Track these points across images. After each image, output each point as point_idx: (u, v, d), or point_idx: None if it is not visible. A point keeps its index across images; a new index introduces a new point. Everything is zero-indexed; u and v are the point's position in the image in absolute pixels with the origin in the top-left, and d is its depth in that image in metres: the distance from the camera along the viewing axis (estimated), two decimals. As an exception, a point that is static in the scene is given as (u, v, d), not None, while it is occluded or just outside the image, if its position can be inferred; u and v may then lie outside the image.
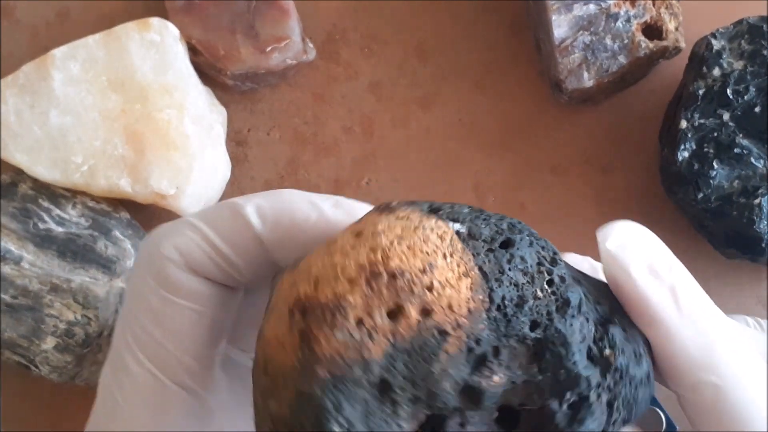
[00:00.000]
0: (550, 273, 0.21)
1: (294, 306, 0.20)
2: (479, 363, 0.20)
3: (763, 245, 0.40)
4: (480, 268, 0.20)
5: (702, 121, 0.40)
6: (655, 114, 0.45)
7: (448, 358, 0.20)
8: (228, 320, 0.25)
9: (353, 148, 0.47)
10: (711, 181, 0.40)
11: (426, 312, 0.20)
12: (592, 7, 0.42)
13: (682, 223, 0.44)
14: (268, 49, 0.44)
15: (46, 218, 0.42)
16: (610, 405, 0.22)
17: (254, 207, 0.24)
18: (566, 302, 0.21)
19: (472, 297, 0.20)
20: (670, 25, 0.42)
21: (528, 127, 0.46)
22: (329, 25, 0.47)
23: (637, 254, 0.23)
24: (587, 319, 0.22)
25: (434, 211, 0.22)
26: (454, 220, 0.21)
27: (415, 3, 0.47)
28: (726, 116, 0.40)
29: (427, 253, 0.20)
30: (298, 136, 0.47)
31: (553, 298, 0.21)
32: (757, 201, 0.39)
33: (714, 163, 0.40)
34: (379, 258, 0.20)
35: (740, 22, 0.41)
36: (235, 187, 0.46)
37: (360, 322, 0.20)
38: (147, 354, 0.23)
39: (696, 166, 0.40)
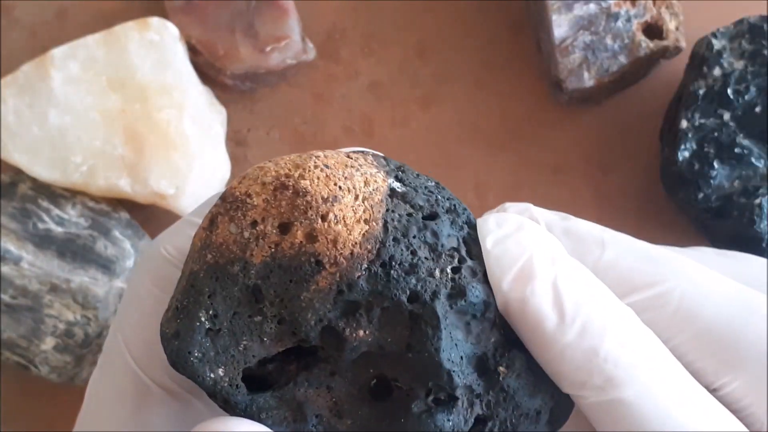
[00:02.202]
0: (462, 261, 0.21)
1: (222, 193, 0.21)
2: (348, 310, 0.20)
3: (764, 245, 0.40)
4: (385, 223, 0.20)
5: (702, 121, 0.40)
6: (655, 114, 0.45)
7: (317, 291, 0.20)
8: None
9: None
10: (711, 181, 0.40)
11: (311, 237, 0.20)
12: (592, 6, 0.42)
13: (683, 223, 0.44)
14: (268, 48, 0.44)
15: (46, 218, 0.42)
16: (482, 422, 0.21)
17: None
18: (461, 293, 0.20)
19: (361, 243, 0.20)
20: (671, 24, 0.42)
21: (528, 127, 0.46)
22: (329, 24, 0.47)
23: (514, 253, 0.21)
24: (491, 328, 0.21)
25: (394, 170, 0.22)
26: (399, 180, 0.22)
27: (415, 3, 0.47)
28: (726, 116, 0.40)
29: (340, 187, 0.20)
30: (298, 136, 0.47)
31: (449, 283, 0.20)
32: (757, 201, 0.39)
33: (714, 163, 0.40)
34: (296, 175, 0.20)
35: (741, 21, 0.41)
36: (235, 187, 0.46)
37: (253, 224, 0.20)
38: (134, 354, 0.23)
39: (696, 166, 0.40)
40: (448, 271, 0.21)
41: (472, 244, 0.21)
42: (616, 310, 0.20)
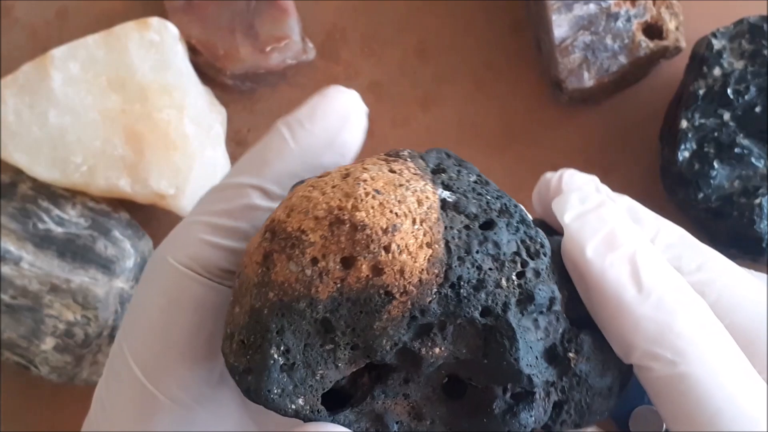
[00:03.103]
0: (524, 265, 0.21)
1: (268, 226, 0.21)
2: (422, 332, 0.20)
3: (764, 245, 0.40)
4: (446, 243, 0.20)
5: (702, 120, 0.40)
6: (655, 114, 0.45)
7: (390, 319, 0.20)
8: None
9: (353, 148, 0.47)
10: (711, 181, 0.40)
11: (377, 270, 0.20)
12: (592, 6, 0.42)
13: (683, 223, 0.43)
14: (268, 48, 0.44)
15: (46, 218, 0.42)
16: (558, 405, 0.21)
17: (237, 171, 0.24)
18: (530, 297, 0.21)
19: (427, 269, 0.20)
20: (671, 24, 0.42)
21: (528, 127, 0.46)
22: (329, 24, 0.47)
23: (594, 225, 0.22)
24: (557, 318, 0.21)
25: (435, 172, 0.22)
26: (447, 188, 0.21)
27: (415, 3, 0.47)
28: (726, 116, 0.40)
29: (397, 214, 0.20)
30: (298, 136, 0.47)
31: (517, 290, 0.20)
32: (757, 201, 0.39)
33: (714, 163, 0.40)
34: (348, 206, 0.20)
35: (741, 21, 0.41)
36: (235, 187, 0.46)
37: (314, 261, 0.20)
38: (140, 364, 0.23)
39: (696, 166, 0.40)
40: (514, 278, 0.21)
41: (530, 243, 0.21)
42: (689, 291, 0.21)
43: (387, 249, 0.20)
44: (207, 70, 0.45)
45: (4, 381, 0.45)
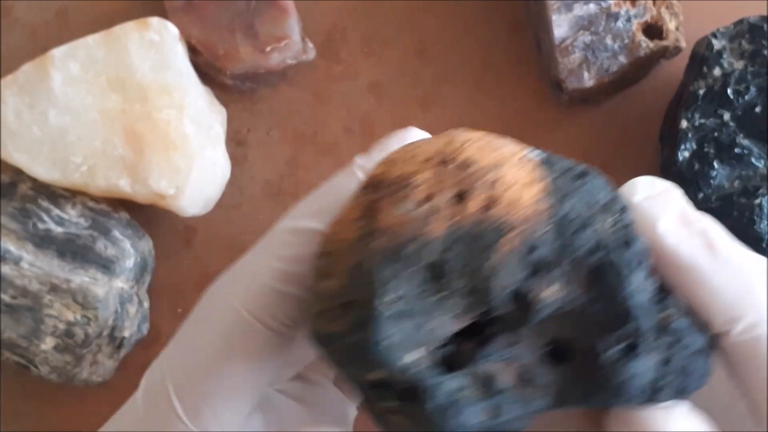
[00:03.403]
0: (622, 212, 0.21)
1: (366, 185, 0.21)
2: (533, 271, 0.20)
3: (764, 245, 0.40)
4: (548, 183, 0.21)
5: (702, 121, 0.40)
6: (655, 114, 0.45)
7: (504, 255, 0.20)
8: (274, 377, 0.25)
9: (353, 148, 0.46)
10: (711, 181, 0.40)
11: (489, 204, 0.20)
12: (592, 6, 0.42)
13: (683, 223, 0.44)
14: (268, 48, 0.44)
15: (46, 218, 0.42)
16: (664, 363, 0.21)
17: (307, 214, 0.24)
18: (628, 243, 0.21)
19: (536, 204, 0.20)
20: (671, 24, 0.42)
21: (528, 126, 0.46)
22: (329, 24, 0.47)
23: (665, 205, 0.22)
24: (650, 273, 0.22)
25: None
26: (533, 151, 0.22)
27: (415, 3, 0.47)
28: (726, 116, 0.40)
29: (502, 153, 0.21)
30: (298, 136, 0.47)
31: (618, 233, 0.21)
32: (757, 201, 0.39)
33: (714, 163, 0.40)
34: (454, 147, 0.20)
35: (741, 21, 0.41)
36: (235, 187, 0.46)
37: (425, 200, 0.20)
38: (185, 405, 0.23)
39: (696, 166, 0.40)
40: (612, 222, 0.21)
41: (618, 197, 0.22)
42: (762, 258, 0.22)
43: (496, 183, 0.20)
44: (207, 70, 0.45)
45: (4, 381, 0.45)
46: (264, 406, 0.25)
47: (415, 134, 0.26)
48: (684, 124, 0.41)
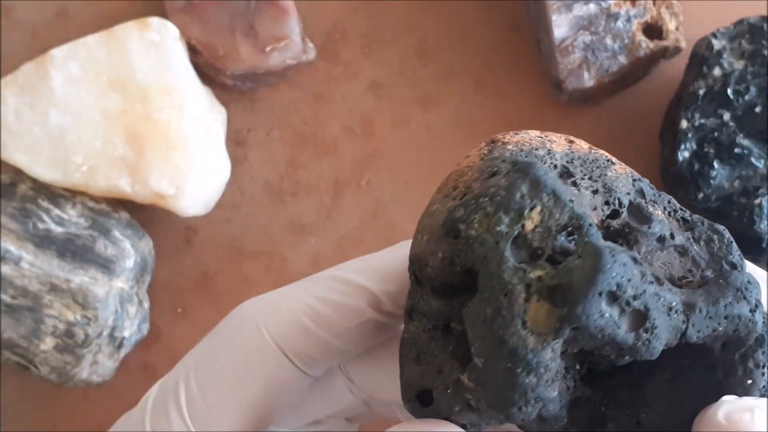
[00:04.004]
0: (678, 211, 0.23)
1: (485, 145, 0.23)
2: (642, 194, 0.22)
3: (764, 245, 0.40)
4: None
5: (702, 121, 0.40)
6: (655, 114, 0.45)
7: (617, 173, 0.22)
8: (283, 407, 0.25)
9: (353, 148, 0.47)
10: (711, 181, 0.40)
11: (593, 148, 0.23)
12: (592, 6, 0.42)
13: (683, 223, 0.44)
14: (268, 48, 0.44)
15: (46, 218, 0.42)
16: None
17: (355, 270, 0.24)
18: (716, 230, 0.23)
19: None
20: (671, 24, 0.42)
21: (528, 126, 0.46)
22: (329, 24, 0.47)
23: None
24: None
25: None
26: None
27: (415, 3, 0.47)
28: (726, 116, 0.40)
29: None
30: (298, 136, 0.47)
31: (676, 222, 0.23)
32: (757, 201, 0.40)
33: (714, 163, 0.40)
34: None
35: (741, 21, 0.41)
36: (235, 187, 0.46)
37: (540, 137, 0.23)
38: (193, 418, 0.23)
39: (696, 166, 0.40)
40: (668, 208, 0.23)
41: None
42: None
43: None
44: (207, 71, 0.45)
45: (4, 381, 0.45)
46: None
47: None
48: (684, 124, 0.41)
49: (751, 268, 0.22)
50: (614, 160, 0.23)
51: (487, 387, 0.19)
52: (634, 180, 0.22)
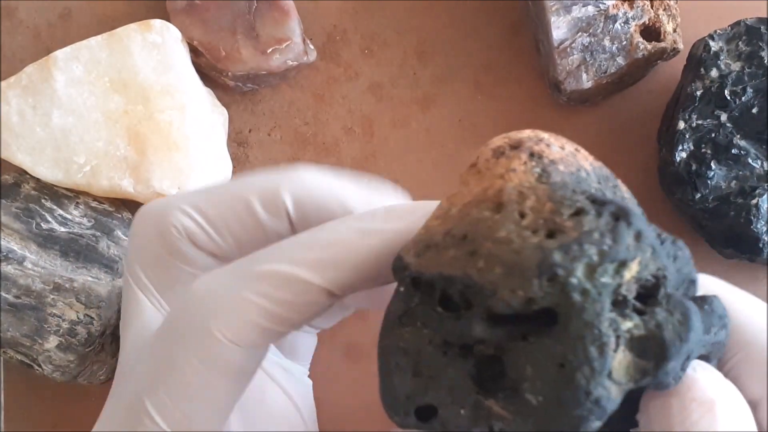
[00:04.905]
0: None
1: (499, 148, 0.23)
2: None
3: (761, 245, 0.40)
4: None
5: (700, 122, 0.41)
6: (653, 115, 0.45)
7: (625, 191, 0.23)
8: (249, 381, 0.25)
9: (353, 149, 0.47)
10: (709, 182, 0.40)
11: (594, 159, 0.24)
12: (590, 8, 0.42)
13: (681, 223, 0.44)
14: (269, 50, 0.44)
15: (49, 218, 0.42)
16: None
17: (306, 262, 0.23)
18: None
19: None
20: (668, 26, 0.43)
21: (527, 127, 0.46)
22: (330, 26, 0.48)
23: None
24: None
25: None
26: None
27: (415, 3, 0.47)
28: (723, 117, 0.41)
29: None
30: (299, 137, 0.47)
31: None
32: (754, 201, 0.40)
33: (712, 164, 0.40)
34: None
35: (738, 23, 0.41)
36: (237, 187, 0.47)
37: (564, 146, 0.23)
38: (170, 425, 0.23)
39: (694, 167, 0.40)
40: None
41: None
42: None
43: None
44: (208, 72, 0.46)
45: (8, 380, 0.45)
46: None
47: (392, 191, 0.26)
48: (681, 125, 0.41)
49: (706, 279, 0.23)
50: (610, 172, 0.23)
51: (538, 423, 0.19)
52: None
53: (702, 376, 0.20)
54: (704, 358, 0.21)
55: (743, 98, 0.40)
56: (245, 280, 0.23)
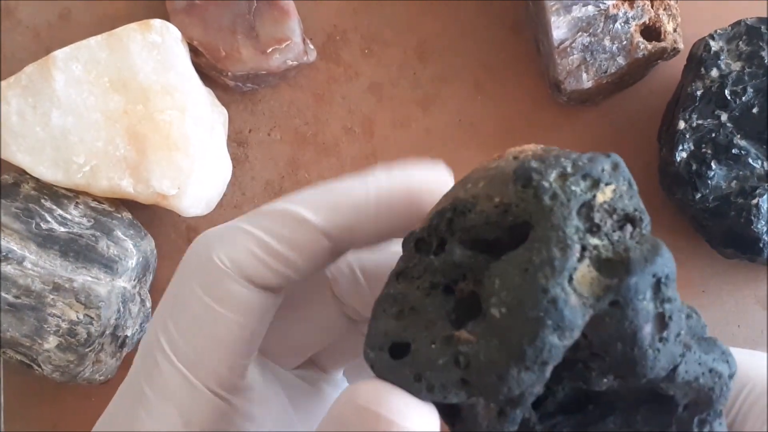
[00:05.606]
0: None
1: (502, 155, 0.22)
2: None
3: (761, 245, 0.40)
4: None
5: (700, 121, 0.41)
6: (653, 115, 0.45)
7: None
8: (264, 328, 0.25)
9: (353, 149, 0.47)
10: (709, 182, 0.40)
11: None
12: (590, 8, 0.42)
13: (681, 223, 0.44)
14: (269, 50, 0.44)
15: (49, 218, 0.42)
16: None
17: (304, 202, 0.24)
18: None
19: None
20: (669, 26, 0.43)
21: (527, 127, 0.47)
22: (330, 26, 0.48)
23: None
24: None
25: None
26: None
27: (415, 3, 0.47)
28: (724, 117, 0.41)
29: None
30: (299, 137, 0.47)
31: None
32: (754, 201, 0.40)
33: (712, 164, 0.40)
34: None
35: (738, 23, 0.41)
36: (236, 187, 0.47)
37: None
38: (182, 359, 0.23)
39: (694, 167, 0.40)
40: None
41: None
42: None
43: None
44: (208, 72, 0.46)
45: (7, 380, 0.45)
46: (263, 370, 0.26)
47: (442, 173, 0.26)
48: (682, 124, 0.41)
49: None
50: None
51: (500, 337, 0.19)
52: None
53: None
54: (699, 393, 0.21)
55: (743, 98, 0.40)
56: (247, 216, 0.25)
